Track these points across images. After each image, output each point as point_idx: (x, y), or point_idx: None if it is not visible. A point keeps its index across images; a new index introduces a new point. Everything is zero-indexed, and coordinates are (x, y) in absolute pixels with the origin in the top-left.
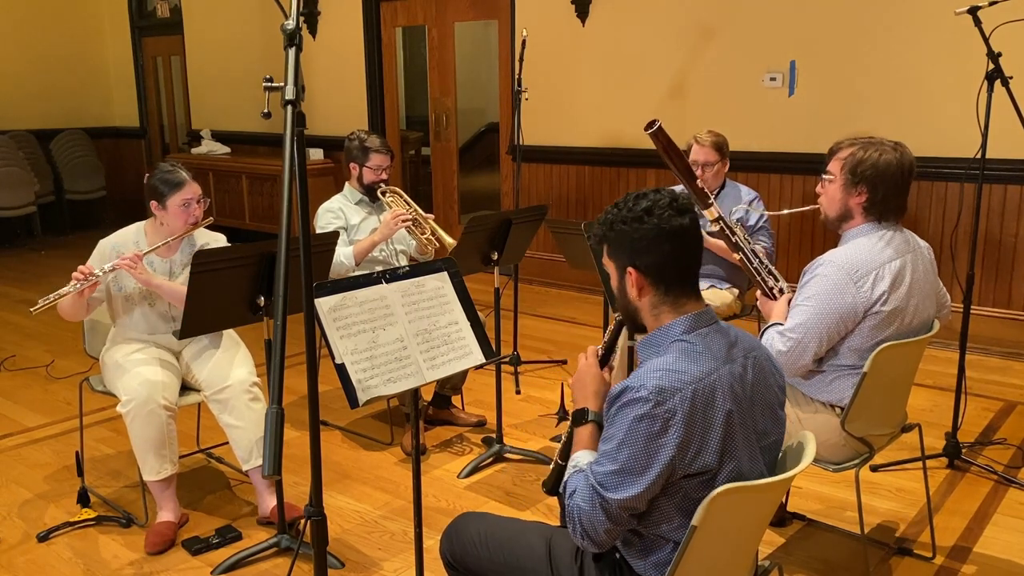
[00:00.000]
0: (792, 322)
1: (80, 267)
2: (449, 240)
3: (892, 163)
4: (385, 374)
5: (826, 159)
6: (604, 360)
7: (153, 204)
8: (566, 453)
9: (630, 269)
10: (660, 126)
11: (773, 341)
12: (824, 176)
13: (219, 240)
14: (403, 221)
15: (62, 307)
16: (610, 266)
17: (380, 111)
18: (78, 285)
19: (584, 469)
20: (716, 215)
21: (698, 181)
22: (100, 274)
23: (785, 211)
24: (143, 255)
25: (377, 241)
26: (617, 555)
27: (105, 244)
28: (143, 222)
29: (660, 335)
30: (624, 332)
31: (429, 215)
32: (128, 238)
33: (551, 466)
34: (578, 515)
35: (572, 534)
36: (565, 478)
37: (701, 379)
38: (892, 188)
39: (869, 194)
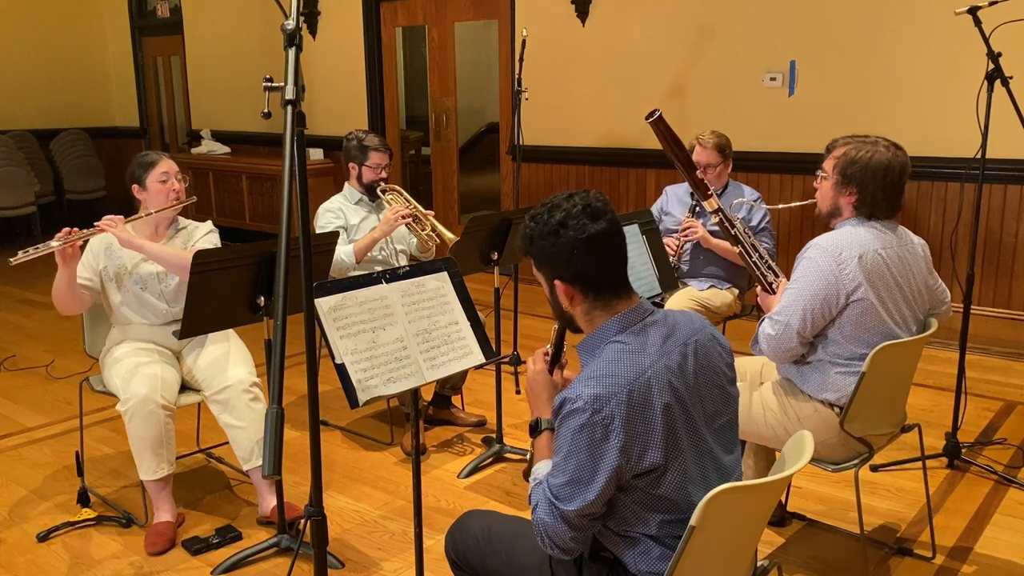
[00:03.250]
0: (780, 305)
1: (64, 228)
2: (449, 236)
3: (883, 164)
4: (385, 374)
5: (824, 155)
6: (554, 362)
7: (135, 189)
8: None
9: (556, 281)
10: (660, 115)
11: (764, 327)
12: (819, 172)
13: (205, 225)
14: (403, 217)
15: (55, 293)
16: (540, 278)
17: (380, 111)
18: (57, 243)
19: (542, 482)
20: (716, 206)
21: (698, 172)
22: (84, 234)
23: (789, 204)
24: (126, 220)
25: (378, 238)
26: (612, 556)
27: (96, 240)
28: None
29: (595, 338)
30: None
31: (429, 211)
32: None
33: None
34: (543, 529)
35: (541, 544)
36: (529, 491)
37: (635, 379)
38: (882, 189)
39: (859, 194)
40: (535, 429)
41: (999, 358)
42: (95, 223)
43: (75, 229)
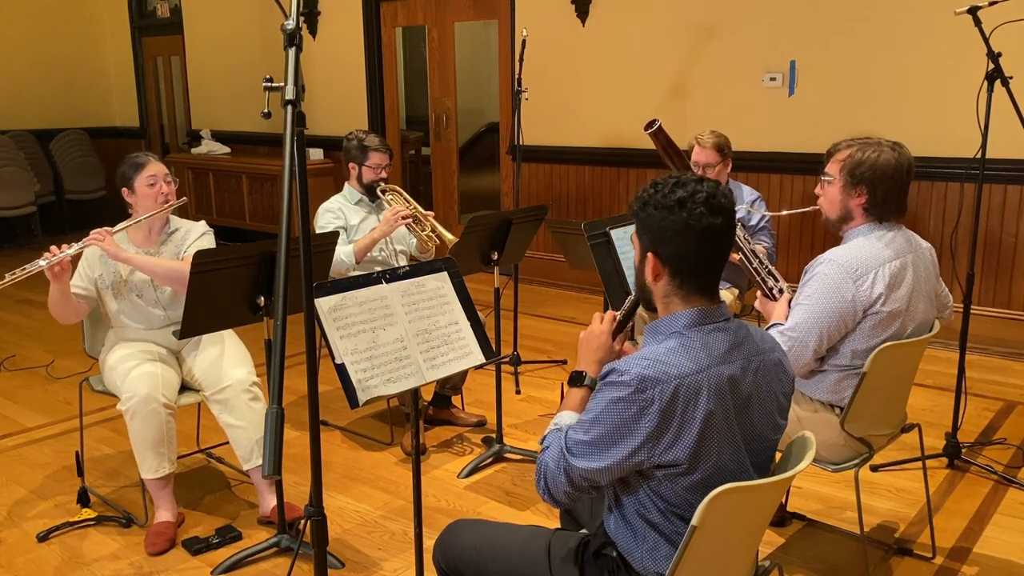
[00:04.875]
0: (792, 320)
1: (51, 247)
2: (449, 237)
3: (891, 163)
4: (385, 374)
5: (824, 160)
6: (618, 329)
7: (124, 192)
8: None
9: (650, 254)
10: (660, 125)
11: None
12: (823, 178)
13: (197, 226)
14: (403, 218)
15: (50, 304)
16: (635, 242)
17: (380, 111)
18: (44, 262)
19: (562, 429)
20: None
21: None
22: (70, 251)
23: (784, 212)
24: (114, 231)
25: (377, 238)
26: (615, 553)
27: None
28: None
29: (665, 323)
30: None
31: (429, 212)
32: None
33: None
34: (544, 470)
35: (536, 485)
36: (547, 431)
37: (687, 376)
38: (891, 188)
39: (869, 195)
40: (577, 380)
41: (999, 358)
42: (84, 241)
43: (63, 246)
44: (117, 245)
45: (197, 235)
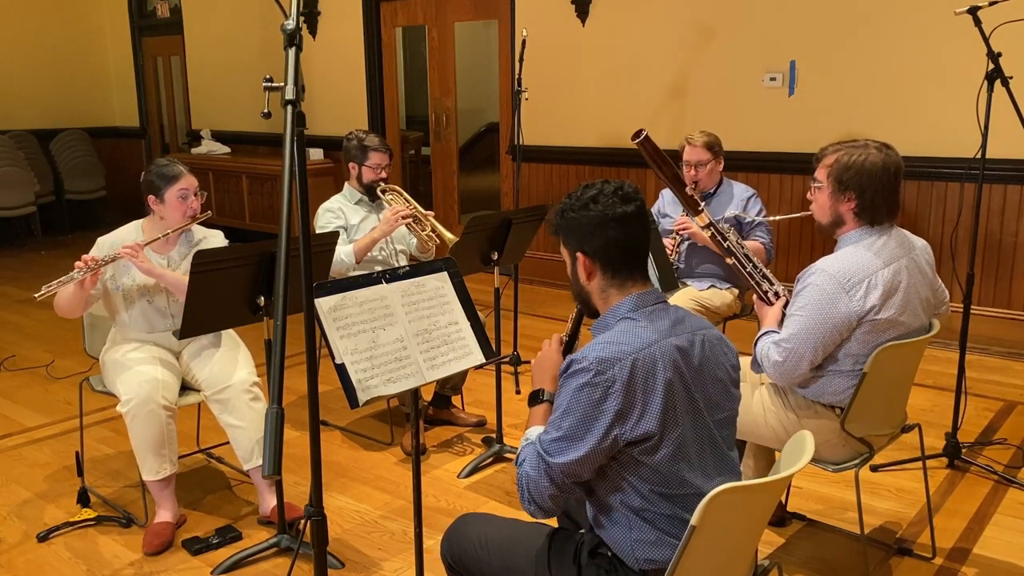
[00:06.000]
0: (786, 332)
1: (83, 256)
2: (449, 236)
3: (878, 165)
4: (385, 374)
5: (813, 165)
6: (568, 348)
7: (151, 199)
8: None
9: (579, 254)
10: (647, 136)
11: (769, 352)
12: (813, 183)
13: (216, 236)
14: (403, 217)
15: (59, 302)
16: (564, 254)
17: (380, 111)
18: (79, 274)
19: (533, 441)
20: (707, 221)
21: (687, 188)
22: (104, 262)
23: (778, 216)
24: (143, 245)
25: (377, 238)
26: (610, 552)
27: (104, 241)
28: (141, 220)
29: (609, 316)
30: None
31: (429, 212)
32: (127, 236)
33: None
34: (526, 482)
35: (521, 501)
36: (518, 450)
37: (641, 349)
38: (881, 190)
39: (858, 199)
40: (536, 399)
41: (999, 358)
42: (117, 251)
43: (95, 257)
44: (150, 261)
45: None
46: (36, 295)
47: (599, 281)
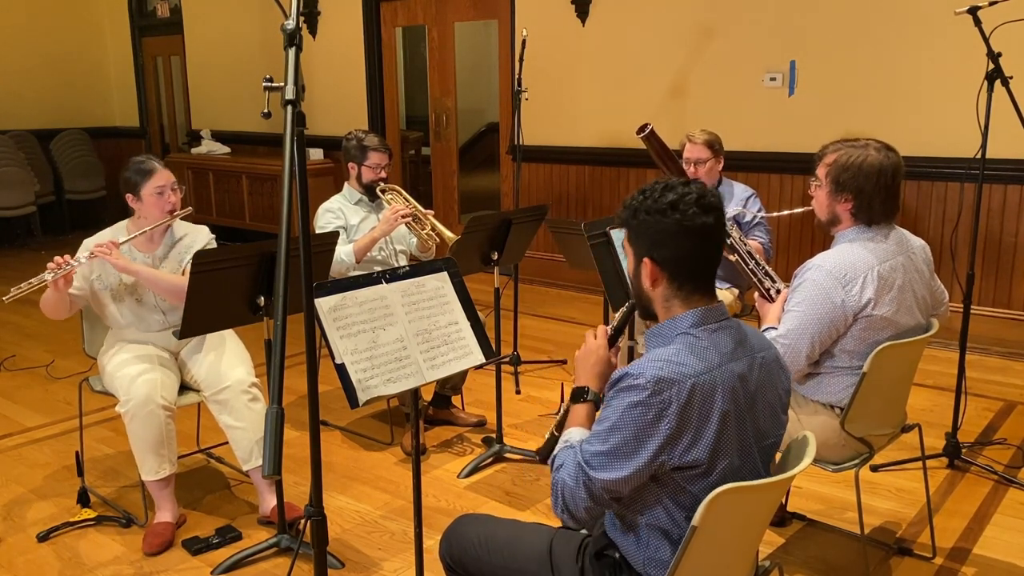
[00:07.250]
0: (784, 327)
1: (56, 257)
2: (449, 235)
3: (875, 166)
4: (385, 374)
5: (814, 163)
6: (612, 341)
7: (129, 197)
8: (562, 425)
9: (646, 259)
10: (652, 129)
11: None
12: (812, 180)
13: (201, 231)
14: (403, 216)
15: (44, 304)
16: (628, 251)
17: (380, 111)
18: (50, 275)
19: (574, 446)
20: None
21: (689, 169)
22: (76, 264)
23: (776, 213)
24: (119, 243)
25: (377, 237)
26: (617, 555)
27: (89, 243)
28: (126, 220)
29: (668, 327)
30: (625, 333)
31: (429, 211)
32: (111, 236)
33: (546, 436)
34: (561, 489)
35: (553, 506)
36: (555, 451)
37: (701, 374)
38: (878, 192)
39: (855, 200)
40: (580, 396)
41: (999, 358)
42: (90, 251)
43: (67, 258)
44: (124, 258)
45: (202, 244)
46: (4, 298)
47: (664, 290)
